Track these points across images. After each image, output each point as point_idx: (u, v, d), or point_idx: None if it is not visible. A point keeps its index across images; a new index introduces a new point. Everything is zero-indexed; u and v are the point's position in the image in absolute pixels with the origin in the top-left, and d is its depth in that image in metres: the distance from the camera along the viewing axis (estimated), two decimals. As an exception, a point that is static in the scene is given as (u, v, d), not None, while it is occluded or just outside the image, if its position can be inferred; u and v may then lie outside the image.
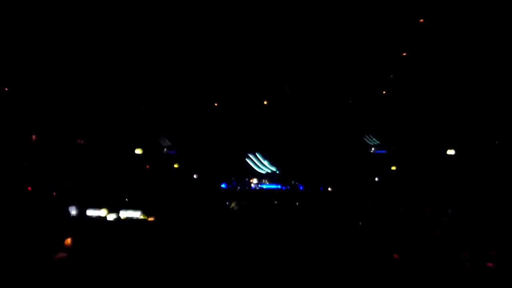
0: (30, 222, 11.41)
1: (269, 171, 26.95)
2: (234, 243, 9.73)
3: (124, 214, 14.13)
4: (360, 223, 12.67)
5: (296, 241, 10.05)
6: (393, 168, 25.66)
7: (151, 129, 22.88)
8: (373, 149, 25.41)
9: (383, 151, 25.33)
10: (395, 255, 8.31)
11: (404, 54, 18.29)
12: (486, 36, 16.39)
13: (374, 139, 25.00)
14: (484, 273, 7.67)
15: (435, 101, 19.57)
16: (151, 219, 13.43)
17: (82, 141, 20.03)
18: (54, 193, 17.96)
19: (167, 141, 25.48)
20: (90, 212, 14.26)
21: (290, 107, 23.39)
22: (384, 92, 20.91)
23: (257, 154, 26.94)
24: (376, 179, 25.69)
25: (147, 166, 25.16)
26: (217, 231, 11.20)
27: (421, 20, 16.61)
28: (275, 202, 21.10)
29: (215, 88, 21.04)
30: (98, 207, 14.30)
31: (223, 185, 26.71)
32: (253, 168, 27.04)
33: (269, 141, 25.87)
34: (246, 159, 26.90)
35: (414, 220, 13.65)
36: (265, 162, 26.69)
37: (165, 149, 25.71)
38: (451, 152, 20.56)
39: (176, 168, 26.25)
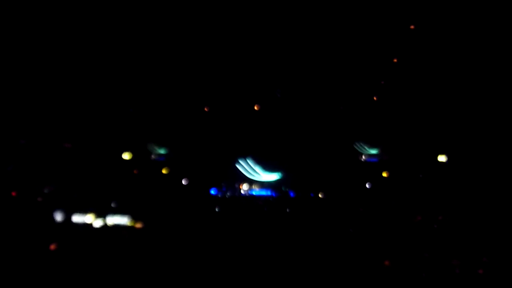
0: (15, 227, 11.30)
1: (260, 177, 25.34)
2: (225, 250, 9.85)
3: (111, 220, 13.14)
4: (351, 230, 12.26)
5: (288, 248, 9.65)
6: (385, 174, 24.63)
7: (140, 133, 22.20)
8: (363, 157, 24.30)
9: (375, 159, 24.22)
10: (386, 262, 7.91)
11: (395, 60, 18.55)
12: (479, 43, 16.80)
13: (365, 147, 23.97)
14: (475, 280, 7.78)
15: (426, 107, 19.14)
16: (138, 225, 12.57)
17: (69, 145, 19.69)
18: (40, 199, 17.64)
19: (155, 146, 23.93)
20: (76, 218, 13.65)
21: (281, 112, 22.75)
22: (375, 98, 20.83)
23: (248, 159, 25.30)
24: (368, 185, 24.45)
25: (135, 172, 23.84)
26: (206, 238, 11.41)
27: (412, 27, 17.10)
28: (265, 209, 20.80)
29: (206, 92, 20.80)
30: (85, 212, 13.89)
31: (212, 191, 25.16)
32: (244, 174, 25.45)
33: (260, 146, 24.64)
34: (237, 165, 25.33)
35: (405, 227, 13.94)
36: (257, 168, 25.13)
37: (153, 155, 24.05)
38: (442, 158, 20.38)
39: (165, 173, 24.55)
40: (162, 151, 21.90)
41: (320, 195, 22.25)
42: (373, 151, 21.87)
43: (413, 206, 17.86)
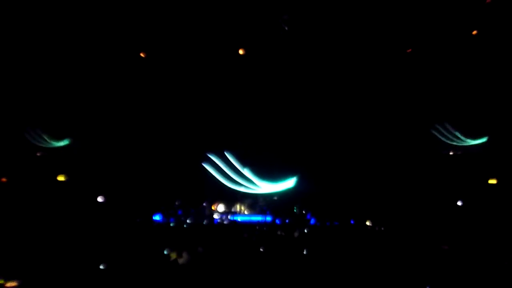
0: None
1: (250, 189, 17.87)
2: None
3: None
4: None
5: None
6: (493, 181, 17.65)
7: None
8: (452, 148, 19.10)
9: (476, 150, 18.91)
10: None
11: (410, 50, 18.21)
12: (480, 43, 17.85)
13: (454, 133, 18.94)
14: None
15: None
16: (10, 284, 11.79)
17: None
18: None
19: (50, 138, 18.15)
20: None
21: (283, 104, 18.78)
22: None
23: (226, 154, 17.26)
24: (459, 203, 17.55)
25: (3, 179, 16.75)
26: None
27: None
28: (262, 249, 15.33)
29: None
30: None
31: (157, 217, 17.19)
32: (218, 183, 17.57)
33: (249, 130, 18.10)
34: (205, 166, 17.22)
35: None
36: (245, 171, 17.39)
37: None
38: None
39: (61, 181, 16.86)
40: (61, 143, 18.22)
41: (368, 223, 17.84)
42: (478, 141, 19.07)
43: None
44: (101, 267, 13.92)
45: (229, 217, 18.05)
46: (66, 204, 16.20)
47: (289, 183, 17.56)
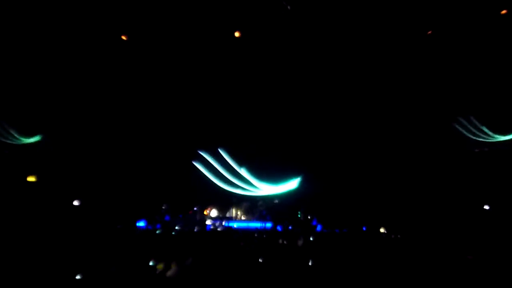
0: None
1: (248, 191, 17.49)
2: None
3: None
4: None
5: None
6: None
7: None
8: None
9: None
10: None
11: (430, 32, 17.87)
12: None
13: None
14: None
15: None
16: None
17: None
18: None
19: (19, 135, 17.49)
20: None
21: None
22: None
23: (219, 151, 16.82)
24: (487, 207, 16.78)
25: None
26: None
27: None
28: (261, 260, 13.66)
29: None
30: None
31: (141, 223, 16.63)
32: (211, 184, 17.17)
33: (246, 122, 17.37)
34: (195, 164, 16.78)
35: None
36: (241, 170, 17.03)
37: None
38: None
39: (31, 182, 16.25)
40: (31, 140, 17.54)
41: (382, 229, 17.53)
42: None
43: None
44: (78, 277, 13.01)
45: (223, 223, 17.56)
46: (36, 209, 15.27)
47: (292, 184, 17.14)
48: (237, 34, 16.84)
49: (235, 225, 18.27)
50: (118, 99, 17.53)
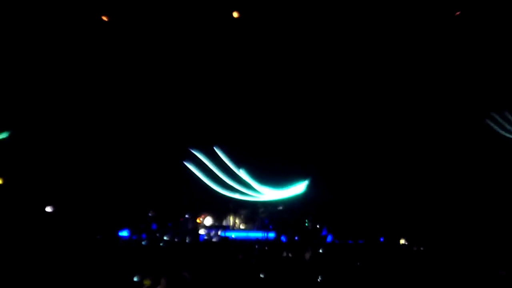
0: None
1: (247, 196, 16.58)
2: None
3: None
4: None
5: None
6: None
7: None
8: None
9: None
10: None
11: (458, 13, 17.16)
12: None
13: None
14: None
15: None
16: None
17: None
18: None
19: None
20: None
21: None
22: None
23: (215, 150, 15.76)
24: None
25: None
26: None
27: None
28: (262, 276, 11.35)
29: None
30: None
31: (124, 233, 15.73)
32: (205, 188, 16.29)
33: (246, 119, 16.16)
34: (187, 165, 15.72)
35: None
36: (240, 172, 16.23)
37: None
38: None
39: None
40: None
41: (403, 241, 16.68)
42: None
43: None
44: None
45: (219, 232, 17.03)
46: (1, 215, 13.76)
47: (299, 188, 16.49)
48: (235, 14, 15.55)
49: (233, 235, 17.56)
50: (96, 91, 16.25)
